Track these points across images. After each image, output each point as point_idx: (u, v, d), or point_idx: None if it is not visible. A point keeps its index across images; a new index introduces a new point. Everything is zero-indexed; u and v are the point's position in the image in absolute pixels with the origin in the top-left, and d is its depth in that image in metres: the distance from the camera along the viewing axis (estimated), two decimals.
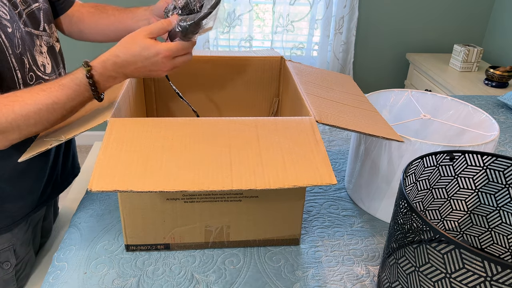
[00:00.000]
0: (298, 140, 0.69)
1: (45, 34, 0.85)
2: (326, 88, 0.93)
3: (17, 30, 0.76)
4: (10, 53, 0.74)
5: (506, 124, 1.40)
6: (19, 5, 0.79)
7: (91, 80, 0.68)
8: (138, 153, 0.64)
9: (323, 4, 2.31)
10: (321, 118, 0.75)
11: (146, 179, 0.60)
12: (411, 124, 1.07)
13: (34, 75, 0.80)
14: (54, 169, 0.95)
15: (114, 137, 0.67)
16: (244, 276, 0.74)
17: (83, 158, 2.38)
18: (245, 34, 2.38)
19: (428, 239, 0.54)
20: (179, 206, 0.74)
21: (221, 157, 0.65)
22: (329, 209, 0.93)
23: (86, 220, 0.88)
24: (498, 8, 2.43)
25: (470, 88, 2.04)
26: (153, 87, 1.08)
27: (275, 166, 0.64)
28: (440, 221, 0.83)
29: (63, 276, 0.74)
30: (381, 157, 0.85)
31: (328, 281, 0.74)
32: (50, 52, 0.87)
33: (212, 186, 0.60)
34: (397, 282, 0.62)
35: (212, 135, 0.69)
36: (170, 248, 0.79)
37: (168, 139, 0.67)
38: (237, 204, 0.75)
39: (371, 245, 0.83)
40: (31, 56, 0.79)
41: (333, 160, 1.13)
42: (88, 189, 0.59)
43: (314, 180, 0.63)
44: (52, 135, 0.74)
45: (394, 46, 2.54)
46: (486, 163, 0.73)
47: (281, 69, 1.08)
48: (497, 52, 2.41)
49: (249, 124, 0.72)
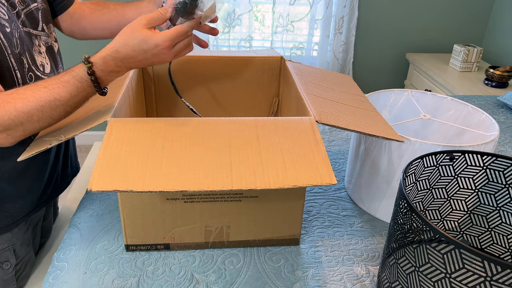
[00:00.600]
0: (298, 140, 0.69)
1: (43, 34, 0.85)
2: (326, 88, 0.93)
3: (16, 30, 0.76)
4: (9, 53, 0.74)
5: (506, 124, 1.40)
6: (17, 5, 0.79)
7: (93, 76, 0.68)
8: (138, 153, 0.64)
9: (323, 4, 2.31)
10: (321, 118, 0.75)
11: (146, 179, 0.60)
12: (411, 124, 1.07)
13: (33, 75, 0.80)
14: (54, 169, 0.95)
15: (114, 137, 0.67)
16: (244, 276, 0.74)
17: (83, 158, 2.38)
18: (245, 34, 2.38)
19: (428, 239, 0.54)
20: (179, 206, 0.74)
21: (221, 157, 0.65)
22: (329, 209, 0.93)
23: (86, 220, 0.88)
24: (498, 8, 2.43)
25: (470, 88, 2.04)
26: (153, 87, 1.08)
27: (275, 166, 0.64)
28: (440, 221, 0.83)
29: (63, 276, 0.74)
30: (381, 157, 0.85)
31: (328, 281, 0.74)
32: (49, 52, 0.87)
33: (212, 186, 0.60)
34: (397, 282, 0.62)
35: (212, 135, 0.69)
36: (170, 248, 0.79)
37: (168, 139, 0.67)
38: (237, 204, 0.75)
39: (371, 245, 0.83)
40: (30, 56, 0.79)
41: (333, 160, 1.13)
42: (88, 189, 0.59)
43: (314, 180, 0.63)
44: (52, 134, 0.74)
45: (394, 46, 2.54)
46: (486, 163, 0.73)
47: (281, 69, 1.08)
48: (497, 52, 2.41)
49: (249, 124, 0.72)
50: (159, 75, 1.07)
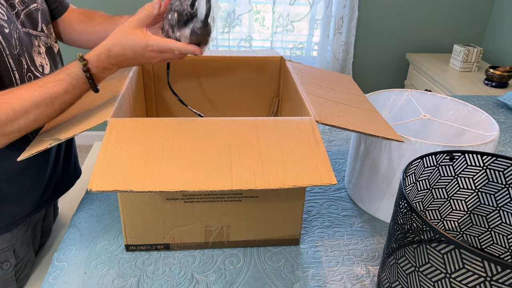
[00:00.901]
0: (298, 140, 0.69)
1: (43, 34, 0.85)
2: (326, 88, 0.93)
3: (15, 31, 0.76)
4: (7, 53, 0.74)
5: (506, 124, 1.40)
6: (17, 5, 0.79)
7: (88, 73, 0.70)
8: (138, 153, 0.64)
9: (323, 4, 2.31)
10: (321, 118, 0.75)
11: (146, 179, 0.60)
12: (411, 124, 1.07)
13: (32, 75, 0.80)
14: (55, 170, 0.95)
15: (114, 137, 0.67)
16: (244, 276, 0.74)
17: (83, 158, 2.38)
18: (244, 34, 2.38)
19: (428, 239, 0.54)
20: (179, 206, 0.74)
21: (221, 157, 0.65)
22: (329, 209, 0.93)
23: (86, 220, 0.88)
24: (498, 8, 2.43)
25: (470, 88, 2.04)
26: (153, 87, 1.08)
27: (275, 166, 0.64)
28: (440, 221, 0.83)
29: (63, 276, 0.74)
30: (381, 157, 0.85)
31: (328, 281, 0.74)
32: (49, 53, 0.87)
33: (212, 186, 0.60)
34: (397, 282, 0.62)
35: (212, 135, 0.69)
36: (170, 248, 0.79)
37: (168, 139, 0.67)
38: (237, 204, 0.75)
39: (371, 245, 0.83)
40: (29, 56, 0.79)
41: (333, 160, 1.13)
42: (88, 189, 0.59)
43: (314, 180, 0.63)
44: (50, 133, 0.74)
45: (394, 46, 2.54)
46: (486, 163, 0.73)
47: (281, 69, 1.08)
48: (497, 52, 2.41)
49: (249, 124, 0.72)
50: (159, 75, 1.07)
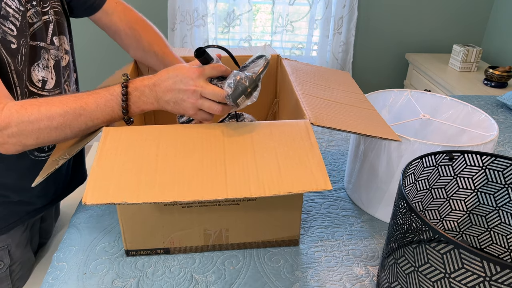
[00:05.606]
0: (293, 144, 0.69)
1: (53, 47, 0.83)
2: (323, 87, 0.93)
3: (24, 46, 0.75)
4: (12, 69, 0.73)
5: (505, 124, 1.40)
6: (28, 18, 0.77)
7: (125, 89, 0.68)
8: (132, 163, 0.64)
9: (322, 4, 2.31)
10: (317, 120, 0.74)
11: (140, 190, 0.60)
12: (411, 124, 1.07)
13: (27, 91, 0.78)
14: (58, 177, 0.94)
15: (108, 147, 0.66)
16: (244, 277, 0.74)
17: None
18: (244, 34, 2.38)
19: (428, 239, 0.54)
20: (177, 211, 0.74)
21: (216, 164, 0.64)
22: (329, 209, 0.93)
23: (86, 221, 0.88)
24: (497, 8, 2.43)
25: (469, 88, 2.04)
26: None
27: (270, 172, 0.63)
28: (440, 221, 0.83)
29: (62, 276, 0.74)
30: (380, 157, 0.85)
31: (328, 281, 0.74)
32: (56, 66, 0.85)
33: (206, 196, 0.59)
34: (397, 282, 0.62)
35: (206, 141, 0.68)
36: (169, 252, 0.79)
37: (162, 148, 0.66)
38: (235, 208, 0.75)
39: (370, 245, 0.83)
40: (28, 71, 0.78)
41: (332, 160, 1.13)
42: (82, 202, 0.58)
43: (309, 186, 0.62)
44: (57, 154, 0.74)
45: (393, 46, 2.54)
46: (485, 163, 0.73)
47: (278, 68, 1.08)
48: (496, 52, 2.41)
49: (244, 129, 0.71)
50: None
